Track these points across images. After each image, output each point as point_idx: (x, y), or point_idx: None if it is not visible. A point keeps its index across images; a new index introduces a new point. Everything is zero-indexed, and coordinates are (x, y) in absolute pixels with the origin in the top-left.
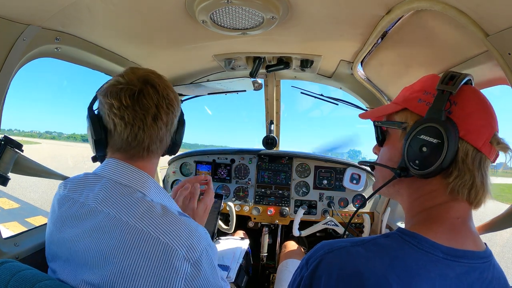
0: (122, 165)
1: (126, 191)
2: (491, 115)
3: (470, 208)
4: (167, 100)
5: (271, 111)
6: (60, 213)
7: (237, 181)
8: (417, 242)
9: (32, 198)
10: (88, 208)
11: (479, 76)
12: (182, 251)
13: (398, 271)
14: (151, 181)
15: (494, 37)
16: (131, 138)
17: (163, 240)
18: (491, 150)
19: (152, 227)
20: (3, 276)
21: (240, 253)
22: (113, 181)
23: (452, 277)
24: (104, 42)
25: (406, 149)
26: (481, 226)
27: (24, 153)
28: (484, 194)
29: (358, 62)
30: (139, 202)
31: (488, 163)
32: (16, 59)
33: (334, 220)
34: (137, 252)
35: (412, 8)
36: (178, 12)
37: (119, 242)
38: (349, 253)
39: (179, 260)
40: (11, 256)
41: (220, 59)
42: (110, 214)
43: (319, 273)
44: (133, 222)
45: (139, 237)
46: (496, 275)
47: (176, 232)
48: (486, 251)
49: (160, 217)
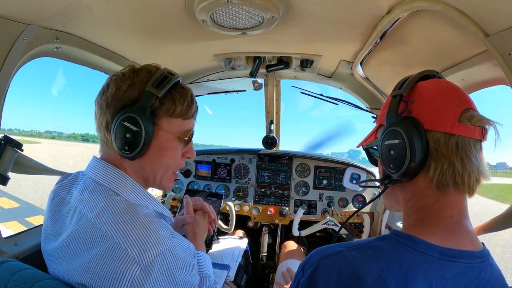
0: (100, 163)
1: (98, 189)
2: (453, 96)
3: (463, 201)
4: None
5: (271, 111)
6: (50, 208)
7: (237, 180)
8: (412, 244)
9: (32, 198)
10: (70, 205)
11: (478, 76)
12: (133, 252)
13: (395, 272)
14: (128, 181)
15: (494, 37)
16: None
17: (116, 239)
18: (467, 128)
19: (109, 225)
20: (3, 275)
21: (239, 252)
22: (92, 180)
23: (448, 277)
24: (104, 41)
25: (381, 158)
26: (480, 227)
27: (24, 153)
28: (472, 177)
29: (358, 62)
30: (105, 200)
31: (470, 143)
32: (16, 58)
33: (334, 220)
34: (96, 248)
35: (412, 8)
36: (178, 11)
37: (81, 238)
38: (345, 258)
39: (128, 262)
40: (11, 255)
41: (220, 58)
42: (81, 212)
43: (316, 278)
44: (92, 218)
45: (96, 234)
46: (493, 274)
47: (130, 231)
48: (483, 250)
49: (120, 215)
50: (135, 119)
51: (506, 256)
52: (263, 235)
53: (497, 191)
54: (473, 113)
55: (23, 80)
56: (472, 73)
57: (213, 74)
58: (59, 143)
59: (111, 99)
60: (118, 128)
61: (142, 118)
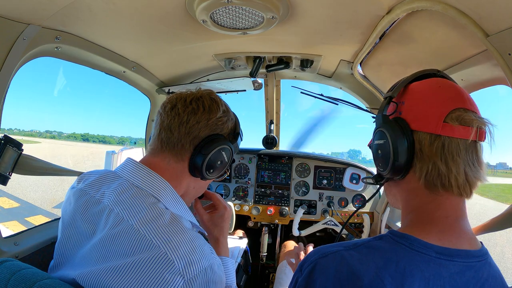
0: (140, 167)
1: (139, 194)
2: (443, 95)
3: (458, 202)
4: (194, 97)
5: (271, 111)
6: (77, 207)
7: (236, 180)
8: (409, 243)
9: (32, 198)
10: (102, 206)
11: (477, 76)
12: (180, 264)
13: (391, 271)
14: (169, 189)
15: (494, 37)
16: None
17: (163, 249)
18: (453, 129)
19: (155, 235)
20: (3, 275)
21: (238, 252)
22: (130, 183)
23: (446, 276)
24: (104, 41)
25: (373, 158)
26: (480, 226)
27: (25, 153)
28: (459, 179)
29: (358, 62)
30: (149, 208)
31: (459, 144)
32: (16, 58)
33: (334, 220)
34: (137, 255)
35: (412, 8)
36: (178, 11)
37: (123, 243)
38: (343, 257)
39: (174, 273)
40: (11, 255)
41: (220, 58)
42: (119, 215)
43: (314, 277)
44: (138, 226)
45: (142, 242)
46: (492, 273)
47: (179, 244)
48: (481, 249)
49: (166, 226)
50: (229, 151)
51: (506, 256)
52: (263, 235)
53: (497, 191)
54: (462, 113)
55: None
56: (472, 73)
57: (213, 74)
58: (59, 143)
59: (216, 122)
60: (215, 153)
61: (232, 154)
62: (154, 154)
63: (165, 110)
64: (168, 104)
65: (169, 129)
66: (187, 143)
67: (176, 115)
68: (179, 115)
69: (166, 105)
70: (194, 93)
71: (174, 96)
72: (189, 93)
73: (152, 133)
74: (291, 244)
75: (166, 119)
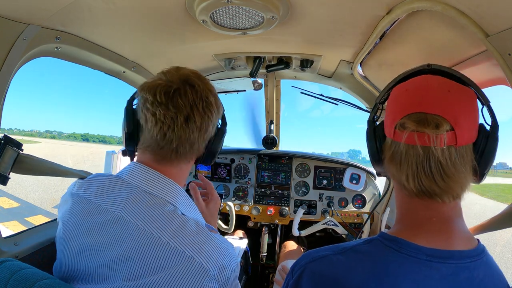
0: (150, 172)
1: (155, 202)
2: (404, 100)
3: (443, 204)
4: (204, 103)
5: (271, 111)
6: (80, 218)
7: (236, 180)
8: (398, 247)
9: (32, 198)
10: (113, 216)
11: (477, 76)
12: (214, 271)
13: (380, 275)
14: (182, 192)
15: (494, 37)
16: (160, 136)
17: (198, 259)
18: (399, 134)
19: (187, 246)
20: (3, 275)
21: (238, 252)
22: (141, 190)
23: (437, 278)
24: (105, 41)
25: None
26: (479, 226)
27: (25, 153)
28: (409, 184)
29: (358, 62)
30: (171, 217)
31: (407, 149)
32: (16, 58)
33: (334, 220)
34: (171, 269)
35: (412, 8)
36: (178, 11)
37: (153, 257)
38: (330, 262)
39: (210, 280)
40: (11, 255)
41: (220, 58)
42: (139, 227)
43: (302, 281)
44: (167, 239)
45: (174, 255)
46: (488, 272)
47: (210, 252)
48: (476, 249)
49: (194, 235)
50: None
51: (506, 256)
52: (263, 235)
53: (497, 191)
54: (407, 118)
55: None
56: (472, 73)
57: (213, 74)
58: (59, 143)
59: (218, 109)
60: (219, 133)
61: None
62: (163, 163)
63: (176, 122)
64: (179, 115)
65: (187, 144)
66: (203, 146)
67: (195, 128)
68: (197, 127)
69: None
70: (199, 94)
71: (180, 102)
72: (196, 95)
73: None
74: (291, 244)
75: (184, 133)
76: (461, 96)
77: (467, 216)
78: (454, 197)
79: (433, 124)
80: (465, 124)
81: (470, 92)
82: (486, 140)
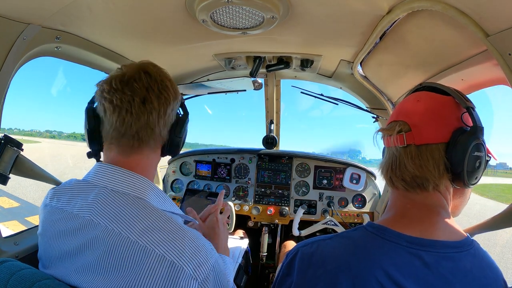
0: (115, 169)
1: (124, 200)
2: (393, 113)
3: (426, 197)
4: (160, 85)
5: (271, 110)
6: (52, 226)
7: (237, 180)
8: (381, 233)
9: (32, 197)
10: (82, 220)
11: (477, 76)
12: (189, 269)
13: (360, 256)
14: (151, 185)
15: (494, 37)
16: (119, 122)
17: (168, 258)
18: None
19: (156, 244)
20: (3, 275)
21: (239, 252)
22: (109, 190)
23: (418, 265)
24: (105, 41)
25: None
26: (478, 226)
27: (25, 152)
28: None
29: (358, 62)
30: (141, 213)
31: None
32: (16, 58)
33: (334, 220)
34: (141, 270)
35: (412, 8)
36: (178, 11)
37: (121, 258)
38: (319, 245)
39: (185, 279)
40: (11, 255)
41: (220, 58)
42: (108, 228)
43: (294, 261)
44: (135, 237)
45: (143, 254)
46: (477, 264)
47: (182, 248)
48: (462, 241)
49: (166, 231)
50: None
51: (506, 256)
52: (263, 235)
53: (497, 191)
54: (386, 127)
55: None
56: (472, 73)
57: (213, 74)
58: (59, 143)
59: (176, 94)
60: (180, 121)
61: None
62: (128, 153)
63: (133, 104)
64: (135, 97)
65: (148, 127)
66: (165, 132)
67: (153, 109)
68: (155, 109)
69: (131, 97)
70: (153, 78)
71: (136, 85)
72: (151, 79)
73: (108, 127)
74: (291, 244)
75: (142, 115)
76: (430, 103)
77: (467, 216)
78: (422, 189)
79: (398, 128)
80: (426, 126)
81: (444, 99)
82: (456, 140)
